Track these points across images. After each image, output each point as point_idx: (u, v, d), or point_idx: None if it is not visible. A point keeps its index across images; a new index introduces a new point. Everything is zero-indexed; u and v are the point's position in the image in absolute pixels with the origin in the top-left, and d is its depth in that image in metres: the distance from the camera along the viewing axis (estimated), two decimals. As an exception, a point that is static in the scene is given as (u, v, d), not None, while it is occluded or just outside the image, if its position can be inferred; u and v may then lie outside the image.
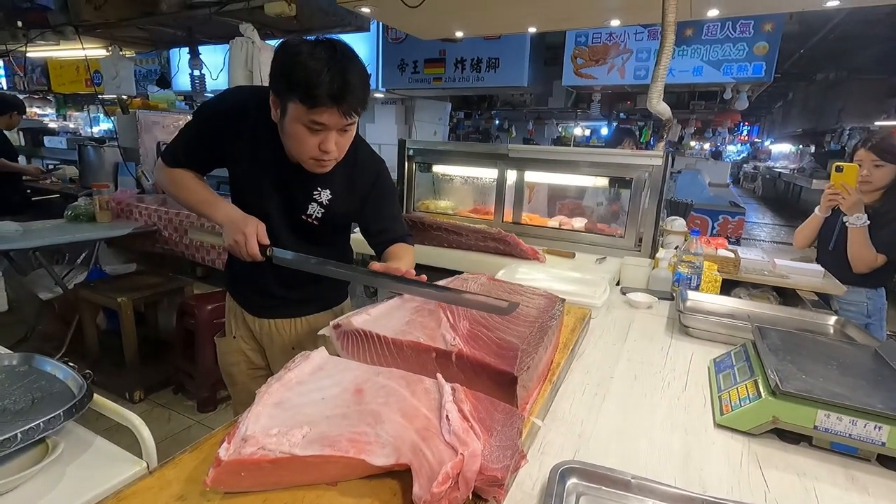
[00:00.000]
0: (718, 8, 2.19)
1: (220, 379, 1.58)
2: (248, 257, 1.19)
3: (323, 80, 1.02)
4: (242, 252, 1.19)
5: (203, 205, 1.30)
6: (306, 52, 1.04)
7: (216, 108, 1.28)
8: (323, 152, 1.13)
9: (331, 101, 1.04)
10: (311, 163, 1.17)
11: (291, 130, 1.11)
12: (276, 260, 1.21)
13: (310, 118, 1.07)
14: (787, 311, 1.55)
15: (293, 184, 1.28)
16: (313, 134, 1.11)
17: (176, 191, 1.33)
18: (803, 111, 12.06)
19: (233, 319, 1.52)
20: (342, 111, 1.07)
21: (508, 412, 0.73)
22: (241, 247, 1.18)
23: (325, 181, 1.29)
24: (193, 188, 1.32)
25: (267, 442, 0.63)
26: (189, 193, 1.31)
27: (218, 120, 1.26)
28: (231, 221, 1.22)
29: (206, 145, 1.29)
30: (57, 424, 0.79)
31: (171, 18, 3.20)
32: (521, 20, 2.81)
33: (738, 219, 4.93)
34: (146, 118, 3.82)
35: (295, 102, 1.06)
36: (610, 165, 2.23)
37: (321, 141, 1.12)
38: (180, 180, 1.32)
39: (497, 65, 5.51)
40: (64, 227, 3.01)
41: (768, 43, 4.45)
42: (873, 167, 2.02)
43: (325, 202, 1.31)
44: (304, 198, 1.30)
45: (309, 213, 1.31)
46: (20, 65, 5.03)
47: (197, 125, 1.30)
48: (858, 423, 0.84)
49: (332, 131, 1.12)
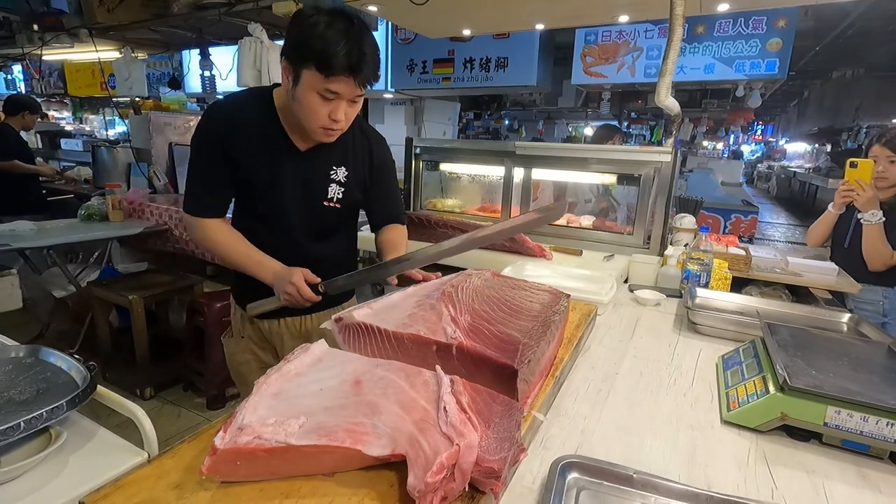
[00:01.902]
0: (729, 2, 2.15)
1: (229, 376, 1.60)
2: (306, 303, 1.21)
3: (341, 49, 1.05)
4: (299, 301, 1.21)
5: (249, 265, 1.29)
6: (324, 22, 1.07)
7: (206, 130, 1.26)
8: (333, 121, 1.16)
9: (348, 70, 1.07)
10: (319, 132, 1.19)
11: (304, 98, 1.13)
12: (331, 291, 1.24)
13: (325, 86, 1.10)
14: (799, 309, 1.52)
15: (309, 168, 1.29)
16: (325, 103, 1.13)
17: (216, 248, 1.31)
18: (819, 109, 11.84)
19: (240, 320, 1.50)
20: (357, 81, 1.10)
21: (507, 404, 0.72)
22: (296, 297, 1.20)
23: (338, 159, 1.32)
24: (233, 245, 1.30)
25: (263, 431, 0.63)
26: (231, 252, 1.30)
27: (217, 130, 1.24)
28: (278, 278, 1.23)
29: (221, 168, 1.25)
30: (60, 414, 0.80)
31: (182, 20, 3.24)
32: (529, 17, 2.79)
33: (750, 218, 4.86)
34: (158, 119, 3.87)
35: (311, 70, 1.08)
36: (618, 162, 2.21)
37: (332, 110, 1.14)
38: (218, 236, 1.30)
39: (506, 64, 5.49)
40: (77, 226, 3.06)
41: (782, 39, 4.37)
42: (888, 163, 1.97)
43: (342, 180, 1.33)
44: (323, 181, 1.31)
45: (330, 198, 1.33)
46: (37, 68, 5.13)
47: (202, 156, 1.27)
48: (870, 419, 0.81)
49: (344, 101, 1.14)
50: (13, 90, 7.89)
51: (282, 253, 1.31)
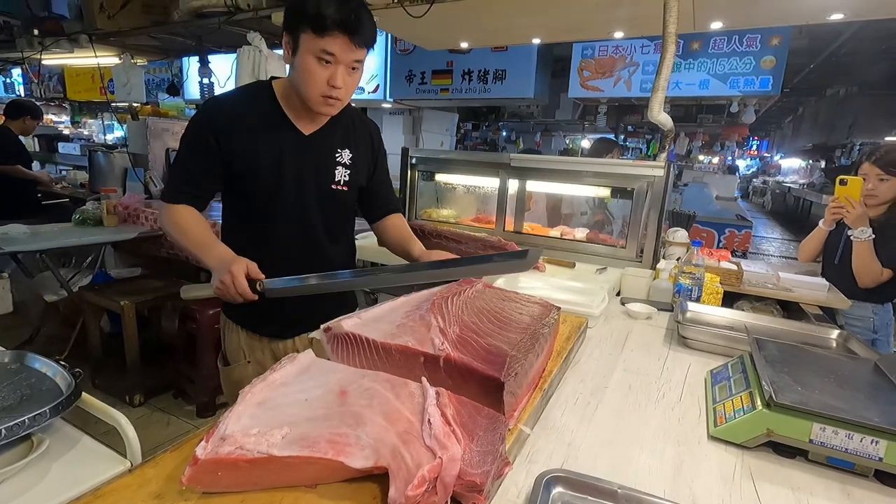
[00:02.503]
0: (722, 21, 2.19)
1: (220, 384, 1.52)
2: (237, 298, 1.10)
3: (332, 7, 1.09)
4: (231, 293, 1.09)
5: (199, 247, 1.20)
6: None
7: (198, 124, 1.25)
8: (331, 87, 1.16)
9: (341, 27, 1.10)
10: (319, 101, 1.19)
11: (302, 63, 1.14)
12: (269, 293, 1.13)
13: (320, 47, 1.11)
14: (788, 324, 1.52)
15: (313, 152, 1.30)
16: (324, 67, 1.14)
17: (175, 232, 1.24)
18: (813, 126, 11.99)
19: (244, 346, 1.41)
20: (353, 41, 1.12)
21: (492, 417, 0.72)
22: (230, 288, 1.09)
23: (341, 141, 1.34)
24: (192, 228, 1.23)
25: (245, 441, 0.63)
26: (187, 235, 1.22)
27: (210, 124, 1.23)
28: (220, 263, 1.13)
29: (204, 161, 1.23)
30: (42, 421, 0.79)
31: (182, 27, 3.26)
32: (526, 31, 2.83)
33: (744, 232, 4.89)
34: (156, 125, 3.88)
35: (306, 32, 1.11)
36: (611, 175, 2.22)
37: (331, 75, 1.15)
38: (180, 220, 1.24)
39: (504, 76, 5.54)
40: (71, 230, 3.05)
41: (775, 57, 4.44)
42: (878, 181, 2.00)
43: (347, 162, 1.34)
44: (329, 163, 1.32)
45: (337, 181, 1.33)
46: (36, 72, 5.14)
47: (190, 142, 1.25)
48: (854, 437, 0.82)
49: (341, 65, 1.15)
50: (12, 93, 7.91)
51: (293, 252, 1.30)
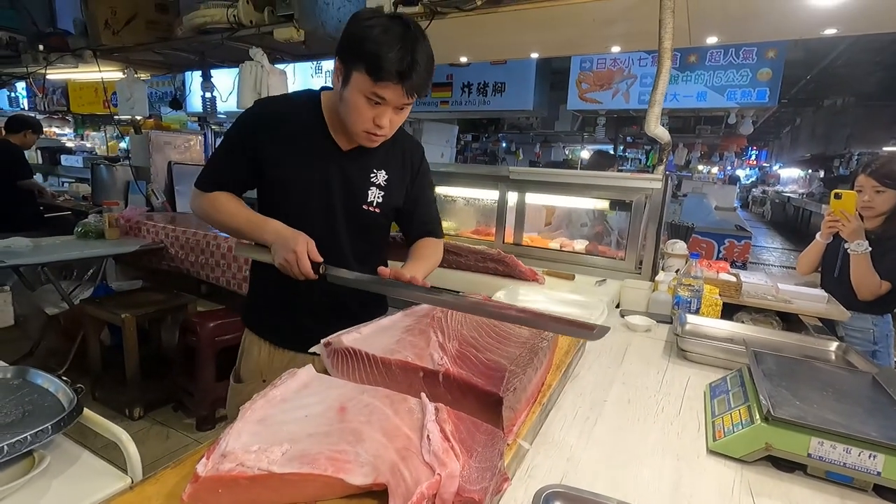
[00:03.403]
0: (717, 36, 2.23)
1: (219, 397, 1.52)
2: (300, 276, 1.15)
3: (393, 55, 1.05)
4: (295, 271, 1.15)
5: (250, 225, 1.24)
6: (380, 26, 1.07)
7: (242, 122, 1.28)
8: (377, 126, 1.15)
9: (397, 77, 1.07)
10: (362, 135, 1.19)
11: (351, 99, 1.13)
12: (331, 278, 1.17)
13: (372, 90, 1.09)
14: (787, 337, 1.53)
15: (349, 169, 1.28)
16: (372, 107, 1.13)
17: (217, 215, 1.28)
18: (811, 136, 12.06)
19: (263, 363, 1.39)
20: (405, 89, 1.09)
21: (491, 433, 0.73)
22: (293, 266, 1.14)
23: (378, 162, 1.31)
24: (235, 210, 1.27)
25: (246, 458, 0.63)
26: (232, 216, 1.26)
27: (252, 126, 1.26)
28: (282, 239, 1.17)
29: (243, 154, 1.26)
30: (44, 438, 0.80)
31: (185, 43, 3.31)
32: (525, 47, 2.87)
33: (744, 243, 4.90)
34: (158, 138, 3.92)
35: (361, 73, 1.08)
36: (609, 188, 2.24)
37: (377, 115, 1.14)
38: (220, 204, 1.27)
39: (503, 89, 5.60)
40: (73, 243, 3.06)
41: (772, 69, 4.49)
42: (874, 193, 2.01)
43: (382, 183, 1.31)
44: (363, 182, 1.29)
45: (370, 202, 1.30)
46: (40, 86, 5.20)
47: (231, 137, 1.29)
48: (853, 451, 0.82)
49: (390, 107, 1.14)
50: (16, 107, 7.97)
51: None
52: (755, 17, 2.11)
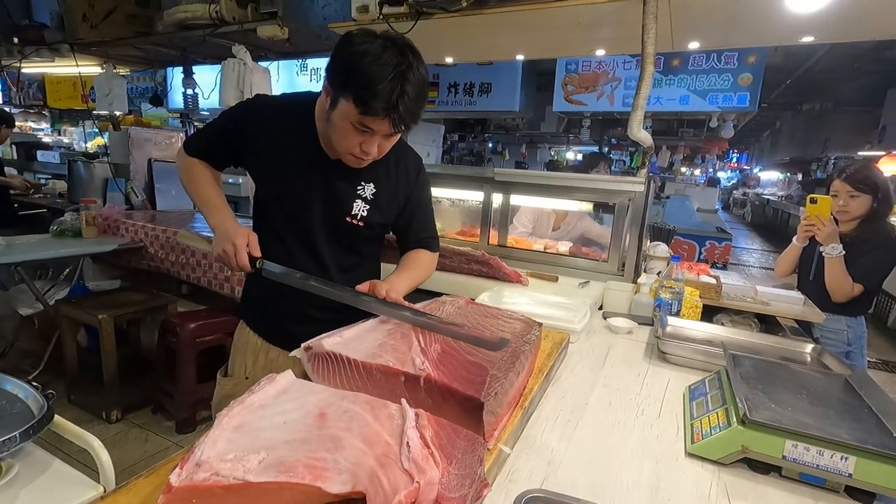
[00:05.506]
0: (699, 41, 2.26)
1: (200, 399, 1.50)
2: (237, 269, 1.18)
3: (383, 88, 1.00)
4: (232, 263, 1.17)
5: (205, 205, 1.30)
6: (372, 54, 1.01)
7: (237, 112, 1.32)
8: (363, 152, 1.14)
9: (384, 112, 1.03)
10: (349, 158, 1.18)
11: (338, 124, 1.10)
12: (266, 273, 1.18)
13: (359, 120, 1.06)
14: (765, 339, 1.56)
15: (336, 178, 1.25)
16: (359, 134, 1.10)
17: (187, 179, 1.35)
18: (791, 140, 12.34)
19: (250, 359, 1.40)
20: (392, 123, 1.06)
21: (471, 439, 0.73)
22: (231, 258, 1.16)
23: (368, 175, 1.27)
24: (203, 184, 1.33)
25: (221, 467, 0.62)
26: (197, 188, 1.33)
27: (243, 116, 1.29)
28: (223, 230, 1.20)
29: (227, 137, 1.30)
30: (12, 446, 0.78)
31: (166, 39, 3.25)
32: (510, 48, 2.88)
33: (724, 244, 4.99)
34: (138, 135, 3.83)
35: (348, 101, 1.04)
36: (593, 191, 2.26)
37: (364, 141, 1.11)
38: (194, 171, 1.34)
39: (489, 90, 5.62)
40: (49, 241, 2.98)
41: (752, 74, 4.58)
42: (849, 197, 2.06)
43: (369, 197, 1.28)
44: (349, 195, 1.26)
45: (354, 214, 1.27)
46: (15, 80, 5.06)
47: (224, 118, 1.32)
48: (825, 453, 0.84)
49: (378, 135, 1.11)
50: (-10, 100, 7.75)
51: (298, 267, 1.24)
52: (736, 23, 2.14)
